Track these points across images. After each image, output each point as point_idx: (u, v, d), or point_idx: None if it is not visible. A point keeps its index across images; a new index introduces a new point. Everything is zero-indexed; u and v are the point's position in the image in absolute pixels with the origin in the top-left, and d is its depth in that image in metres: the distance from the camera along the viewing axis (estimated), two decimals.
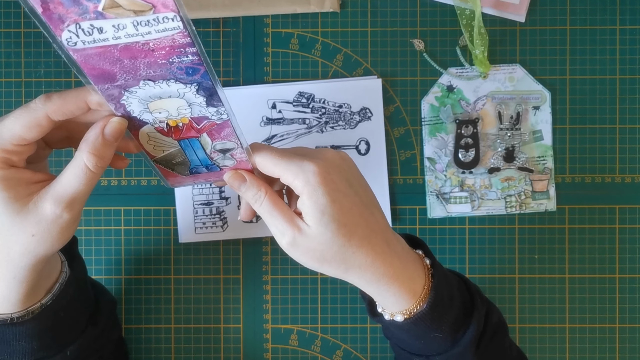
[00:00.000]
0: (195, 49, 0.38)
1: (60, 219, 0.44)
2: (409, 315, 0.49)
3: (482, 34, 0.66)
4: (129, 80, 0.41)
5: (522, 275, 0.68)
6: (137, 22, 0.36)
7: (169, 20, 0.36)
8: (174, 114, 0.44)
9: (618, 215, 0.68)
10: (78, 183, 0.43)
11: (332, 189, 0.45)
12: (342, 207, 0.45)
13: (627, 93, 0.68)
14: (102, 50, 0.38)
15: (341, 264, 0.46)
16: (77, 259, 0.55)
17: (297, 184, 0.45)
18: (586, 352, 0.68)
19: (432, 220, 0.68)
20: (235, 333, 0.68)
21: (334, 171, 0.46)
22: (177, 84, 0.41)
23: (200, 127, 0.45)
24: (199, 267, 0.68)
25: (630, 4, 0.68)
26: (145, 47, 0.38)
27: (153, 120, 0.44)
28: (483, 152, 0.68)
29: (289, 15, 0.68)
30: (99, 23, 0.36)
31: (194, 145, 0.47)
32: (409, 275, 0.48)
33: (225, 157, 0.48)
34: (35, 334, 0.49)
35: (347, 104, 0.67)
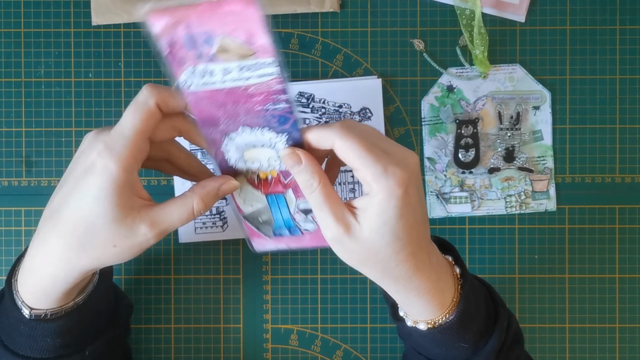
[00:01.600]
0: (287, 97, 0.42)
1: (147, 242, 0.45)
2: (433, 325, 0.48)
3: (482, 34, 0.66)
4: (229, 125, 0.44)
5: (522, 275, 0.68)
6: (241, 66, 0.41)
7: (268, 66, 0.40)
8: (265, 165, 0.46)
9: (618, 215, 0.68)
10: (178, 218, 0.45)
11: (405, 203, 0.42)
12: (407, 224, 0.43)
13: (627, 93, 0.68)
14: (210, 94, 0.43)
15: (380, 272, 0.45)
16: None
17: (374, 187, 0.42)
18: (586, 352, 0.68)
19: (432, 220, 0.68)
20: (235, 333, 0.68)
21: (413, 183, 0.43)
22: (270, 132, 0.44)
23: (287, 182, 0.47)
24: (199, 267, 0.68)
25: (630, 4, 0.68)
26: (246, 91, 0.42)
27: (246, 170, 0.47)
28: (483, 152, 0.68)
29: (289, 15, 0.68)
30: (211, 66, 0.41)
31: (280, 201, 0.48)
32: (440, 288, 0.47)
33: (307, 220, 0.49)
34: (62, 331, 0.49)
35: (347, 104, 0.67)
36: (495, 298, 0.52)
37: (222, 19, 0.39)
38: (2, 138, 0.67)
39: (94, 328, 0.53)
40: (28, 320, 0.48)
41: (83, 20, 0.67)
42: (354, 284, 0.68)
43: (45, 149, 0.67)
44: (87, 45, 0.67)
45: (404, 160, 0.43)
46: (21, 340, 0.49)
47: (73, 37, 0.67)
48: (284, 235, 0.51)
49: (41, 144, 0.67)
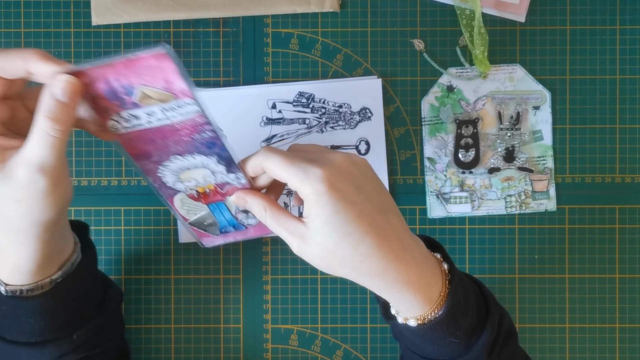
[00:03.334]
0: (211, 127, 0.45)
1: (37, 184, 0.43)
2: (422, 321, 0.48)
3: (482, 34, 0.66)
4: (162, 156, 0.47)
5: (522, 275, 0.68)
6: (164, 108, 0.44)
7: (188, 105, 0.43)
8: (201, 182, 0.49)
9: (618, 215, 0.68)
10: (43, 149, 0.42)
11: (337, 197, 0.44)
12: (348, 216, 0.44)
13: (627, 93, 0.68)
14: (139, 134, 0.45)
15: (351, 271, 0.46)
16: (89, 245, 0.55)
17: (303, 191, 0.45)
18: (586, 352, 0.68)
19: (432, 220, 0.68)
20: (235, 333, 0.68)
21: (341, 177, 0.45)
22: (200, 156, 0.47)
23: (224, 192, 0.50)
24: (199, 267, 0.68)
25: (630, 4, 0.68)
26: (172, 128, 0.45)
27: (185, 188, 0.50)
28: (483, 152, 0.68)
29: (289, 15, 0.68)
30: (135, 112, 0.44)
31: (221, 207, 0.51)
32: (426, 281, 0.47)
33: (248, 217, 0.52)
34: (44, 311, 0.49)
35: (347, 104, 0.67)
36: (486, 294, 0.52)
37: (139, 72, 0.41)
38: None
39: (81, 313, 0.53)
40: (6, 297, 0.48)
41: (83, 20, 0.67)
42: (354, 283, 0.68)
43: None
44: (87, 45, 0.67)
45: (327, 161, 0.46)
46: (5, 322, 0.50)
47: (73, 37, 0.67)
48: (230, 232, 0.54)
49: None
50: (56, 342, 0.52)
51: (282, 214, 0.47)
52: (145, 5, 0.66)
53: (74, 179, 0.67)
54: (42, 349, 0.51)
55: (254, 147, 0.67)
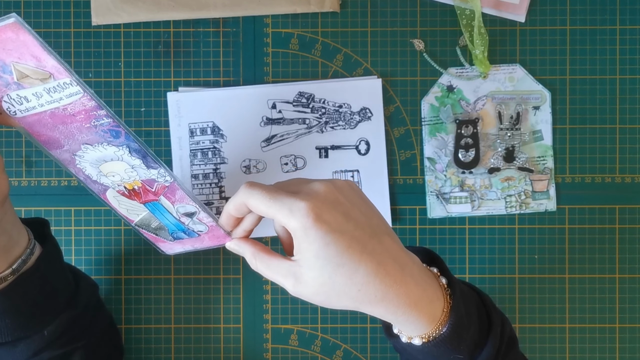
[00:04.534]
0: (104, 112, 0.42)
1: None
2: (427, 340, 0.47)
3: (482, 34, 0.66)
4: (72, 144, 0.44)
5: (522, 275, 0.68)
6: (47, 89, 0.40)
7: (70, 86, 0.40)
8: (125, 177, 0.46)
9: (618, 215, 0.68)
10: None
11: (325, 229, 0.43)
12: (338, 248, 0.43)
13: (627, 93, 0.68)
14: (37, 118, 0.43)
15: (351, 302, 0.45)
16: (49, 240, 0.55)
17: (290, 227, 0.44)
18: (586, 352, 0.68)
19: (432, 220, 0.68)
20: (235, 333, 0.68)
21: (326, 208, 0.44)
22: (110, 146, 0.44)
23: (155, 190, 0.47)
24: (199, 267, 0.68)
25: (630, 4, 0.68)
26: (66, 112, 0.42)
27: (111, 183, 0.47)
28: (483, 152, 0.68)
29: (289, 15, 0.68)
30: (22, 92, 0.41)
31: (158, 208, 0.49)
32: (428, 300, 0.46)
33: (195, 222, 0.49)
34: (5, 310, 0.49)
35: (347, 104, 0.67)
36: (487, 303, 0.52)
37: (4, 47, 0.38)
38: (2, 138, 0.67)
39: (48, 308, 0.53)
40: None
41: (83, 20, 0.67)
42: None
43: None
44: (87, 45, 0.67)
45: (311, 192, 0.44)
46: None
47: (73, 37, 0.67)
48: (183, 238, 0.51)
49: None
50: (27, 339, 0.52)
51: (272, 258, 0.47)
52: (145, 5, 0.66)
53: (74, 179, 0.67)
54: (13, 348, 0.51)
55: (254, 147, 0.67)
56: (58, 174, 0.67)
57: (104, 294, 0.67)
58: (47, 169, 0.67)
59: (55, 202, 0.67)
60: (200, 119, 0.67)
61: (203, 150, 0.67)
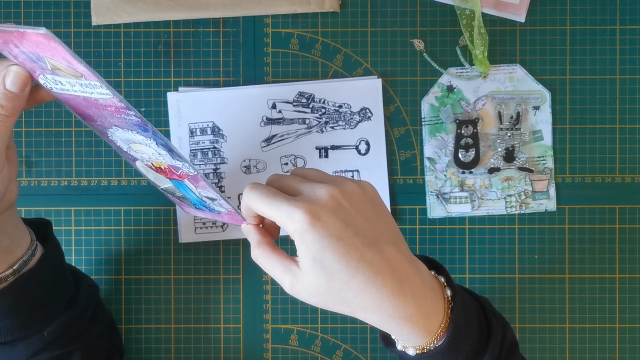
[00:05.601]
0: (134, 113, 0.42)
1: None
2: (421, 352, 0.47)
3: (482, 34, 0.66)
4: (104, 122, 0.46)
5: (522, 275, 0.68)
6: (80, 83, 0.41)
7: (100, 87, 0.41)
8: (153, 158, 0.48)
9: (618, 215, 0.68)
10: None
11: (322, 234, 0.43)
12: (335, 254, 0.43)
13: (627, 93, 0.68)
14: (71, 97, 0.44)
15: (346, 308, 0.45)
16: (51, 240, 0.55)
17: (288, 229, 0.44)
18: (586, 352, 0.68)
19: (432, 220, 0.68)
20: (235, 333, 0.68)
21: (326, 214, 0.43)
22: (139, 135, 0.45)
23: (179, 175, 0.48)
24: (199, 267, 0.68)
25: (630, 4, 0.68)
26: (98, 102, 0.43)
27: (140, 157, 0.48)
28: (483, 152, 0.68)
29: (289, 15, 0.68)
30: (57, 78, 0.42)
31: (183, 187, 0.50)
32: (425, 313, 0.46)
33: (215, 204, 0.50)
34: (6, 310, 0.50)
35: (347, 104, 0.67)
36: (487, 310, 0.51)
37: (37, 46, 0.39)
38: None
39: (48, 309, 0.53)
40: None
41: (83, 20, 0.67)
42: None
43: (45, 149, 0.67)
44: (87, 45, 0.67)
45: (312, 196, 0.44)
46: None
47: (73, 37, 0.67)
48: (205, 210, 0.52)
49: (41, 144, 0.67)
50: (26, 340, 0.52)
51: (274, 253, 0.47)
52: (145, 5, 0.66)
53: (74, 179, 0.67)
54: (12, 348, 0.51)
55: (254, 147, 0.67)
56: (58, 174, 0.67)
57: (104, 294, 0.67)
58: (47, 169, 0.67)
59: (55, 202, 0.67)
60: (200, 119, 0.67)
61: (203, 150, 0.67)
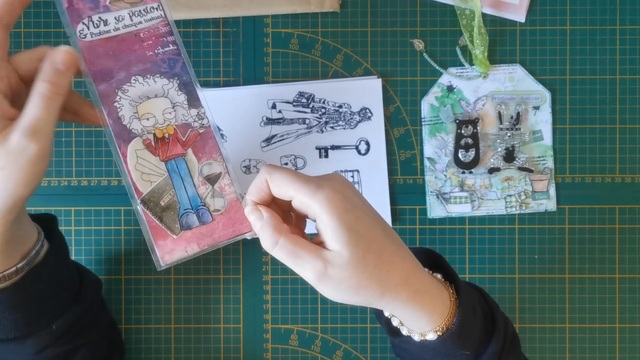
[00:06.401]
0: (174, 38, 0.49)
1: (26, 149, 0.44)
2: (441, 332, 0.47)
3: (482, 34, 0.66)
4: (123, 75, 0.48)
5: (522, 275, 0.68)
6: (132, 12, 0.49)
7: (154, 10, 0.49)
8: (160, 119, 0.48)
9: (618, 215, 0.68)
10: (39, 111, 0.44)
11: (351, 205, 0.44)
12: (366, 223, 0.44)
13: (627, 93, 0.68)
14: (104, 42, 0.48)
15: (378, 288, 0.44)
16: (57, 235, 0.55)
17: (314, 204, 0.43)
18: (586, 352, 0.68)
19: (432, 220, 0.68)
20: (235, 333, 0.68)
21: (348, 190, 0.45)
22: (161, 79, 0.49)
23: (185, 140, 0.48)
24: (199, 267, 0.68)
25: (630, 4, 0.68)
26: (137, 37, 0.49)
27: (141, 129, 0.48)
28: (483, 152, 0.68)
29: (289, 15, 0.68)
30: (105, 15, 0.48)
31: (181, 168, 0.48)
32: (437, 288, 0.47)
33: (214, 194, 0.48)
34: (16, 304, 0.50)
35: (347, 104, 0.67)
36: (489, 301, 0.52)
37: None
38: None
39: (56, 303, 0.53)
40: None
41: None
42: None
43: None
44: None
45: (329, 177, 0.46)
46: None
47: None
48: (192, 227, 0.48)
49: None
50: (35, 335, 0.52)
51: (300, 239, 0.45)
52: None
53: (74, 179, 0.67)
54: (21, 343, 0.52)
55: (254, 147, 0.67)
56: (58, 174, 0.67)
57: (104, 294, 0.67)
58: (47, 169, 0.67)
59: (55, 202, 0.67)
60: None
61: None
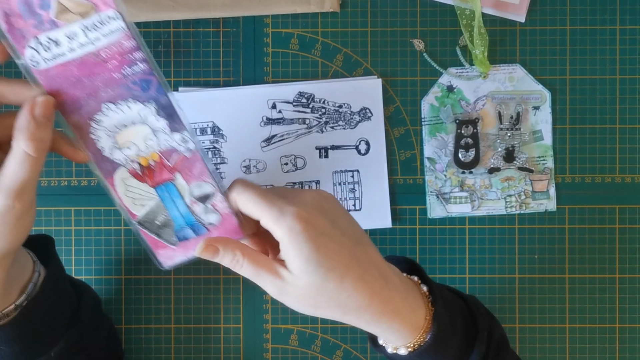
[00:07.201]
0: (142, 55, 0.42)
1: (13, 209, 0.42)
2: (413, 348, 0.48)
3: (482, 34, 0.66)
4: (91, 104, 0.43)
5: (522, 275, 0.68)
6: (85, 27, 0.40)
7: (112, 20, 0.40)
8: (142, 147, 0.45)
9: (618, 215, 0.68)
10: (23, 172, 0.42)
11: (315, 233, 0.43)
12: (329, 251, 0.43)
13: (627, 93, 0.68)
14: (62, 69, 0.42)
15: (337, 309, 0.45)
16: (53, 259, 0.54)
17: (277, 230, 0.43)
18: (586, 352, 0.68)
19: (432, 220, 0.68)
20: (235, 333, 0.68)
21: (315, 214, 0.44)
22: (136, 104, 0.43)
23: (172, 165, 0.46)
24: (199, 267, 0.68)
25: (630, 4, 0.68)
26: (99, 58, 0.42)
27: (125, 160, 0.45)
28: (483, 152, 0.68)
29: (289, 15, 0.68)
30: (54, 34, 0.41)
31: (171, 192, 0.47)
32: (410, 308, 0.47)
33: (207, 210, 0.47)
34: (15, 337, 0.49)
35: (347, 104, 0.67)
36: (472, 309, 0.51)
37: None
38: None
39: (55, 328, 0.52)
40: None
41: None
42: None
43: None
44: None
45: (299, 199, 0.44)
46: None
47: None
48: (189, 238, 0.48)
49: None
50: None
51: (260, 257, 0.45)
52: (145, 5, 0.66)
53: (74, 179, 0.67)
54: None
55: (254, 147, 0.67)
56: (58, 174, 0.67)
57: (104, 294, 0.67)
58: (47, 169, 0.67)
59: (55, 202, 0.67)
60: (200, 119, 0.67)
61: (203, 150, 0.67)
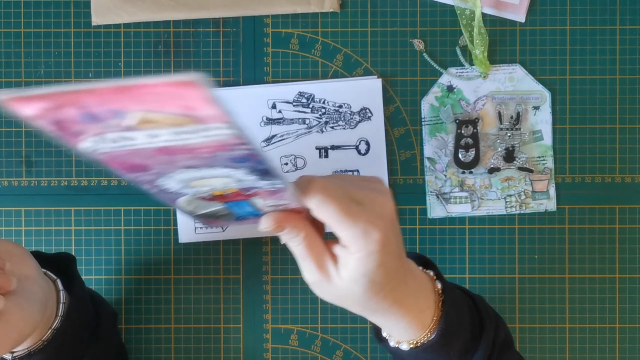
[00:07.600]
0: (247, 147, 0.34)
1: None
2: (415, 345, 0.48)
3: (482, 34, 0.66)
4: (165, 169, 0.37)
5: (522, 275, 0.68)
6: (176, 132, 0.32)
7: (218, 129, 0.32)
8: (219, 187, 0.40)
9: (618, 215, 0.68)
10: None
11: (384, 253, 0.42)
12: (387, 270, 0.43)
13: (627, 93, 0.68)
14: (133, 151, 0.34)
15: (358, 308, 0.46)
16: (76, 280, 0.56)
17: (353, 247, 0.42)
18: (586, 352, 0.68)
19: (432, 220, 0.68)
20: (235, 333, 0.68)
21: (391, 232, 0.42)
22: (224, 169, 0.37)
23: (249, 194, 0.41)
24: (199, 267, 0.68)
25: (630, 4, 0.68)
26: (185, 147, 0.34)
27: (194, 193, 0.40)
28: (483, 152, 0.68)
29: (289, 15, 0.68)
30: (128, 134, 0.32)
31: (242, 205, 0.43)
32: (420, 308, 0.47)
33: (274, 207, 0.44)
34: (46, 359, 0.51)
35: (347, 104, 0.67)
36: (480, 308, 0.52)
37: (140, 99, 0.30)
38: (2, 138, 0.67)
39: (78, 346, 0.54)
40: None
41: (83, 20, 0.67)
42: None
43: (45, 149, 0.67)
44: (87, 45, 0.67)
45: (381, 212, 0.42)
46: None
47: (73, 37, 0.67)
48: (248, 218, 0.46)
49: (41, 144, 0.67)
50: None
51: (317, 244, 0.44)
52: (145, 5, 0.66)
53: (74, 179, 0.67)
54: None
55: None
56: (58, 174, 0.67)
57: (104, 294, 0.67)
58: (47, 169, 0.67)
59: (55, 202, 0.67)
60: None
61: None
